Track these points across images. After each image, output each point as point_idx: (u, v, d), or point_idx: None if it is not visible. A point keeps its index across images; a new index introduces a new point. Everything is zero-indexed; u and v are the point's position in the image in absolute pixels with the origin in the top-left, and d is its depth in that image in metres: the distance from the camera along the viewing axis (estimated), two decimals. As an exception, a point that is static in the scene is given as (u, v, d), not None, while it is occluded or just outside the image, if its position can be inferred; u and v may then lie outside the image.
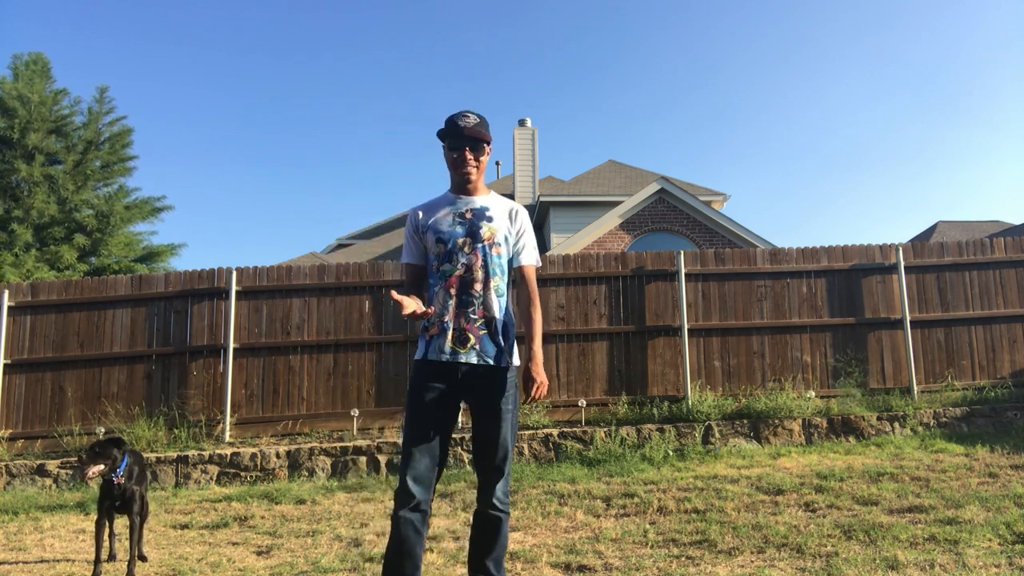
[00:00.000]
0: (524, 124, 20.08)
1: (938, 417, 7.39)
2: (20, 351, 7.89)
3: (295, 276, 8.08)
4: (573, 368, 7.99)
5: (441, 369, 2.71)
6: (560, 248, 14.61)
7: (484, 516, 2.75)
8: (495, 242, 2.80)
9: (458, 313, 2.72)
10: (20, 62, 17.93)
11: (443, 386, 2.71)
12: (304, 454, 7.03)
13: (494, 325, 2.76)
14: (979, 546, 3.64)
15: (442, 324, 2.72)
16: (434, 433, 2.68)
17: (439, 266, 2.77)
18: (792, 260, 8.33)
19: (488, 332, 2.75)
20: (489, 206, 2.86)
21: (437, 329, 2.73)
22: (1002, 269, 8.40)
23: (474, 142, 2.82)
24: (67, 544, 4.83)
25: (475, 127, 2.80)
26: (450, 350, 2.70)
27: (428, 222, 2.83)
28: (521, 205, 3.04)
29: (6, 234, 16.10)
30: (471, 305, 2.73)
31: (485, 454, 2.75)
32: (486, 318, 2.75)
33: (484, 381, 2.74)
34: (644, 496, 5.23)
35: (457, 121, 2.80)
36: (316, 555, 4.15)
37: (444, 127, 2.84)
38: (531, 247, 2.93)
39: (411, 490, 2.60)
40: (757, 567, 3.52)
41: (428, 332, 2.75)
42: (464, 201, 2.86)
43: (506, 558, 3.88)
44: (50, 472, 7.03)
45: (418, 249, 2.85)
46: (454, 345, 2.70)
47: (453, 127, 2.79)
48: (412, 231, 2.87)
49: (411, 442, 2.66)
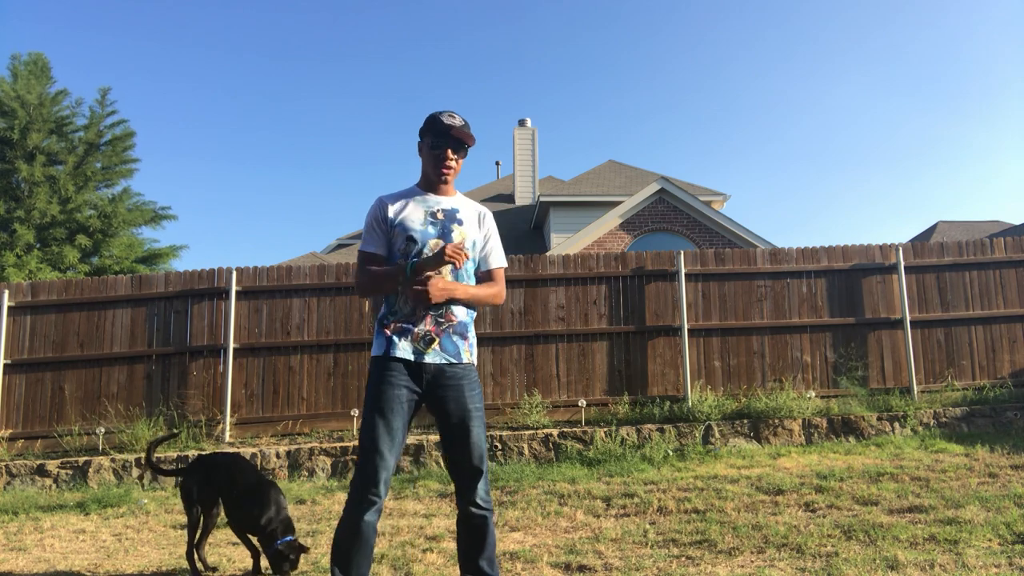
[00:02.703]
0: (524, 124, 20.07)
1: (938, 417, 7.39)
2: (20, 351, 7.89)
3: (295, 276, 8.08)
4: (573, 368, 7.99)
5: (407, 367, 2.67)
6: (560, 248, 14.61)
7: (470, 517, 2.70)
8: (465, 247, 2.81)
9: (425, 315, 2.70)
10: (19, 63, 17.92)
11: (409, 384, 2.67)
12: (304, 454, 7.03)
13: (457, 328, 2.75)
14: (979, 546, 3.64)
15: (408, 323, 2.69)
16: (399, 432, 2.63)
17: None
18: (792, 260, 8.33)
19: (451, 334, 2.74)
20: (459, 208, 2.85)
21: (400, 327, 2.69)
22: (1002, 269, 8.39)
23: (458, 143, 2.80)
24: (67, 544, 4.83)
25: (461, 128, 2.78)
26: (414, 350, 2.67)
27: (397, 219, 2.77)
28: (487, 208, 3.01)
29: (8, 235, 16.10)
30: (439, 309, 2.71)
31: (463, 455, 2.70)
32: (451, 322, 2.74)
33: (452, 381, 2.72)
34: (644, 496, 5.23)
35: (443, 119, 2.77)
36: (316, 555, 4.15)
37: (428, 124, 2.81)
38: (499, 249, 2.95)
39: (380, 491, 2.55)
40: (757, 567, 3.52)
41: (388, 328, 2.70)
42: (434, 200, 2.83)
43: (506, 558, 3.88)
44: (50, 472, 7.03)
45: (382, 241, 2.79)
46: (418, 345, 2.68)
47: (439, 125, 2.77)
48: (377, 222, 2.80)
49: (377, 440, 2.57)
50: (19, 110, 16.81)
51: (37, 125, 17.08)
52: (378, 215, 2.79)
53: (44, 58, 18.28)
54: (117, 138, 18.55)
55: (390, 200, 2.82)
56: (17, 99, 16.91)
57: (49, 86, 18.08)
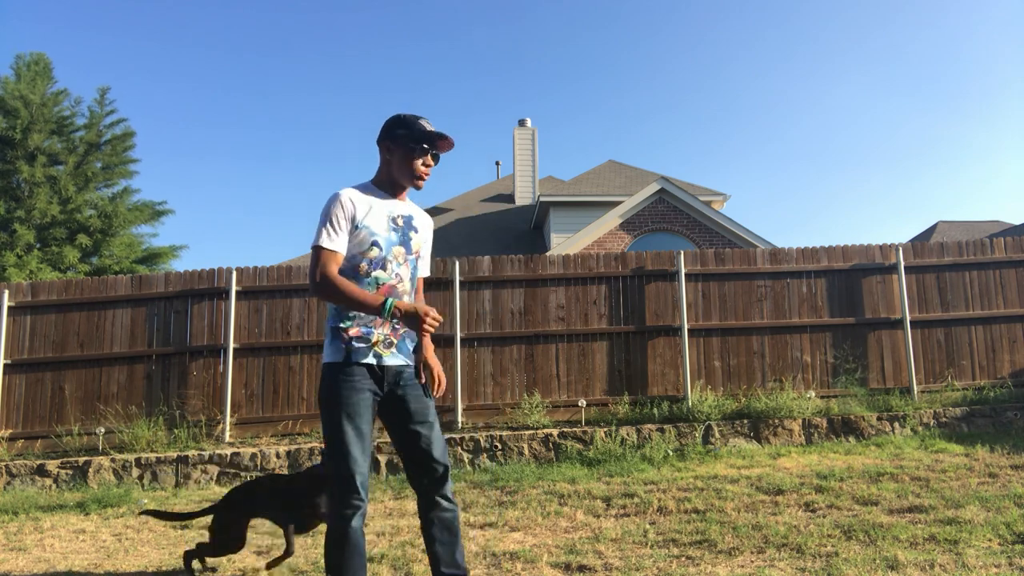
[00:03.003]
0: (524, 124, 20.07)
1: (938, 417, 7.39)
2: (20, 351, 7.89)
3: (295, 276, 8.08)
4: (573, 368, 7.99)
5: (369, 372, 2.63)
6: (560, 248, 14.61)
7: (444, 512, 2.68)
8: (421, 255, 2.82)
9: (384, 321, 2.67)
10: (22, 63, 17.91)
11: (372, 388, 2.63)
12: (304, 454, 7.03)
13: (408, 332, 2.76)
14: (979, 546, 3.64)
15: (367, 328, 2.64)
16: (368, 436, 2.60)
17: (370, 270, 2.65)
18: (792, 260, 8.33)
19: (404, 337, 2.74)
20: (414, 215, 2.82)
21: (359, 332, 2.63)
22: (1002, 269, 8.40)
23: (437, 156, 2.76)
24: (67, 544, 4.83)
25: (448, 139, 2.72)
26: (375, 354, 2.65)
27: (364, 221, 2.64)
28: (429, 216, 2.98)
29: (8, 235, 16.10)
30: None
31: (431, 450, 2.69)
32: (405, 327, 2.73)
33: (410, 381, 2.72)
34: (644, 496, 5.23)
35: (425, 124, 2.69)
36: (316, 555, 4.15)
37: (407, 125, 2.68)
38: (429, 258, 2.96)
39: (362, 495, 2.52)
40: (757, 567, 3.52)
41: (346, 333, 2.62)
42: (394, 204, 2.75)
43: (506, 558, 3.88)
44: (50, 472, 7.03)
45: (344, 240, 2.61)
46: (378, 349, 2.65)
47: (422, 129, 2.67)
48: (343, 220, 2.61)
49: (352, 445, 2.53)
50: (22, 110, 16.80)
51: (38, 125, 17.08)
52: (344, 213, 2.61)
53: (46, 58, 18.29)
54: (117, 138, 18.55)
55: (356, 199, 2.65)
56: (20, 99, 16.90)
57: (50, 86, 18.08)
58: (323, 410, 2.61)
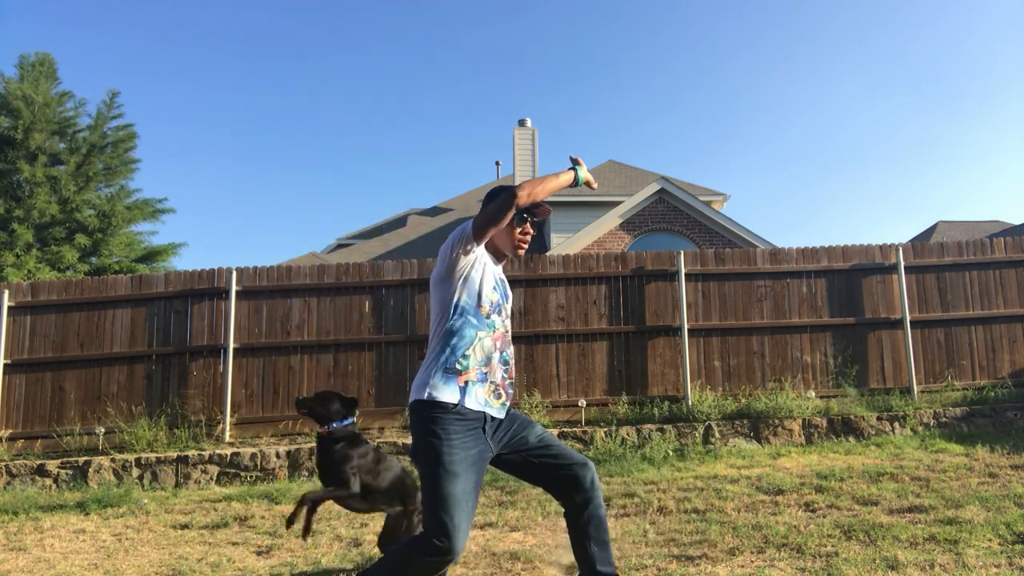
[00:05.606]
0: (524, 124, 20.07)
1: (938, 417, 7.39)
2: (20, 351, 7.89)
3: (295, 276, 8.09)
4: (573, 368, 7.99)
5: (480, 419, 2.56)
6: (560, 248, 14.61)
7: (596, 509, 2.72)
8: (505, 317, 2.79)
9: (498, 368, 2.65)
10: (27, 62, 17.88)
11: (487, 442, 2.57)
12: (304, 454, 7.03)
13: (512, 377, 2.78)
14: (979, 546, 3.64)
15: (482, 373, 2.59)
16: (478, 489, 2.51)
17: (490, 313, 2.65)
18: (792, 260, 8.33)
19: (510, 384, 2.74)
20: (505, 281, 2.84)
21: (476, 376, 2.57)
22: (1002, 269, 8.40)
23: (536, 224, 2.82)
24: (67, 544, 4.83)
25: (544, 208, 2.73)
26: (485, 401, 2.57)
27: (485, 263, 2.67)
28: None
29: (7, 234, 16.09)
30: (507, 365, 2.71)
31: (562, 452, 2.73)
32: (511, 376, 2.74)
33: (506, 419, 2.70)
34: (644, 496, 5.23)
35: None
36: (316, 555, 4.15)
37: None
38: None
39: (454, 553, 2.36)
40: (757, 567, 3.52)
41: (463, 376, 2.54)
42: (497, 267, 2.77)
43: (506, 558, 3.89)
44: (50, 472, 7.04)
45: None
46: (489, 398, 2.60)
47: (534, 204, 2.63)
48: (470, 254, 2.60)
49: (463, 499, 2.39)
50: (24, 109, 16.77)
51: (40, 125, 17.07)
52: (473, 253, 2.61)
53: (51, 59, 18.26)
54: (119, 139, 18.55)
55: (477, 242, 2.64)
56: (23, 98, 16.87)
57: (54, 87, 18.07)
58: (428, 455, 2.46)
